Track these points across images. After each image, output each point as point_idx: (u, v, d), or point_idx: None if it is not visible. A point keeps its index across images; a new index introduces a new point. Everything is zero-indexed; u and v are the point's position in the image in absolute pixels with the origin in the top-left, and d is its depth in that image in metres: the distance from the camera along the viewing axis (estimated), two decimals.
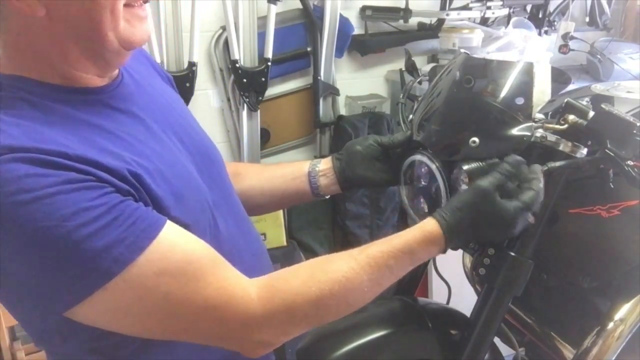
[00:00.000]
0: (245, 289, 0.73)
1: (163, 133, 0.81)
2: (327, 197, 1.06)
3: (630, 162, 0.80)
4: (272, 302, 0.73)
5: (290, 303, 0.74)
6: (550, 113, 0.90)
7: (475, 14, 2.22)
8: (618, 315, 0.95)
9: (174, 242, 0.70)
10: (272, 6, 1.99)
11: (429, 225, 0.83)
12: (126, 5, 0.72)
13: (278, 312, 0.73)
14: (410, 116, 1.01)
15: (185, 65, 1.99)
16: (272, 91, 2.20)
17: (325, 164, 1.03)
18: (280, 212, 2.17)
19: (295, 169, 1.05)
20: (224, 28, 2.04)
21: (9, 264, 0.64)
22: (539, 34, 2.40)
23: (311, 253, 2.23)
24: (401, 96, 1.80)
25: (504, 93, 0.87)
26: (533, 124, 0.85)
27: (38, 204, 0.62)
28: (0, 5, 0.69)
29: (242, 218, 0.94)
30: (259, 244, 0.97)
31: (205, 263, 0.71)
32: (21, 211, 0.61)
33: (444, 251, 0.84)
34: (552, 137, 0.82)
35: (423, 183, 0.96)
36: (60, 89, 0.73)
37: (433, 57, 2.34)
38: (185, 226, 0.74)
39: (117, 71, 0.81)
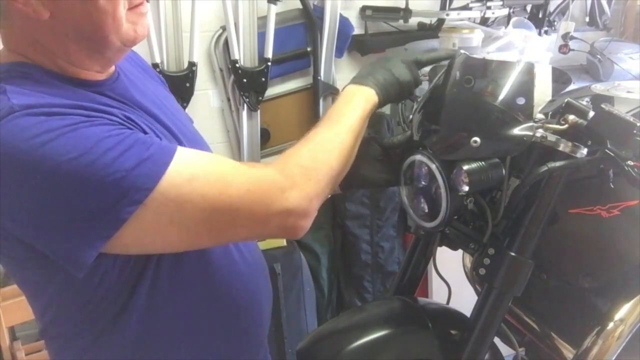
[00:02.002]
0: (263, 169, 0.81)
1: (155, 129, 0.82)
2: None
3: (630, 162, 0.80)
4: (287, 165, 0.80)
5: (299, 159, 0.81)
6: (550, 113, 0.90)
7: (475, 14, 2.22)
8: (618, 315, 0.95)
9: (192, 153, 0.76)
10: (272, 6, 1.99)
11: (346, 89, 0.98)
12: (128, 8, 0.74)
13: (294, 171, 0.79)
14: (410, 116, 1.01)
15: (185, 65, 1.99)
16: (272, 91, 2.19)
17: None
18: None
19: None
20: (224, 28, 2.04)
21: (42, 210, 0.67)
22: (539, 34, 2.40)
23: (311, 253, 2.23)
24: None
25: (504, 93, 0.87)
26: (534, 124, 0.85)
27: (61, 140, 0.65)
28: (3, 4, 0.70)
29: None
30: (252, 244, 0.99)
31: (224, 160, 0.78)
32: (47, 150, 0.64)
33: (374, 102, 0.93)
34: (552, 137, 0.82)
35: (423, 183, 0.95)
36: (62, 76, 0.75)
37: None
38: None
39: (113, 67, 0.83)
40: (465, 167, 0.85)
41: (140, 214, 0.68)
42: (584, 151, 0.82)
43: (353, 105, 0.91)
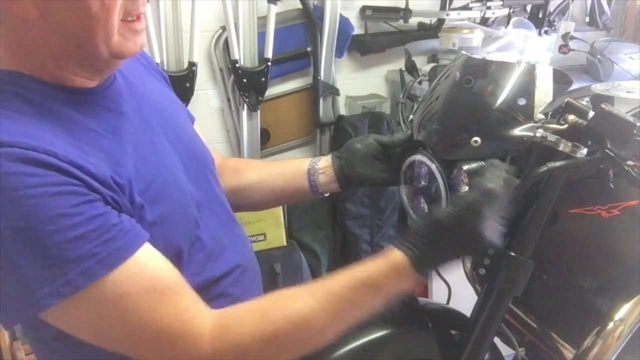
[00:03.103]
0: (200, 324, 0.72)
1: (152, 133, 0.81)
2: (326, 195, 1.06)
3: (630, 162, 0.80)
4: (223, 342, 0.72)
5: (242, 344, 0.73)
6: (550, 113, 0.90)
7: (475, 14, 2.22)
8: (618, 315, 0.95)
9: (144, 266, 0.70)
10: (272, 6, 1.99)
11: (395, 257, 0.78)
12: (122, 19, 0.71)
13: (228, 353, 0.72)
14: (411, 116, 1.01)
15: (185, 65, 1.99)
16: (272, 91, 2.19)
17: (325, 162, 1.03)
18: (280, 212, 2.17)
19: (295, 166, 1.05)
20: (224, 28, 2.04)
21: None
22: (539, 34, 2.40)
23: (311, 253, 2.23)
24: (401, 96, 1.81)
25: (505, 94, 0.87)
26: (534, 124, 0.85)
27: (18, 203, 0.62)
28: None
29: (227, 218, 0.94)
30: (246, 242, 0.98)
31: (168, 292, 0.71)
32: (3, 210, 0.62)
33: (416, 283, 0.80)
34: (552, 137, 0.82)
35: (423, 183, 0.96)
36: (53, 87, 0.73)
37: (433, 57, 2.34)
38: (163, 228, 0.75)
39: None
40: (465, 167, 0.85)
41: (63, 306, 0.65)
42: (584, 151, 0.82)
43: (384, 300, 0.78)
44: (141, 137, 0.79)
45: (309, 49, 2.18)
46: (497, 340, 1.01)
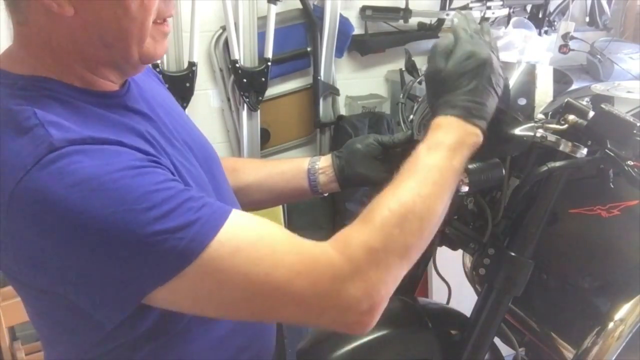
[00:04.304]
0: (321, 247, 0.69)
1: (171, 135, 0.80)
2: (325, 194, 1.06)
3: (630, 162, 0.79)
4: (349, 248, 0.68)
5: (365, 241, 0.68)
6: (550, 113, 0.90)
7: (475, 14, 2.23)
8: (618, 315, 0.95)
9: (243, 222, 0.68)
10: (272, 6, 1.99)
11: (434, 121, 0.79)
12: (154, 22, 0.71)
13: (359, 256, 0.67)
14: (411, 116, 1.01)
15: (185, 65, 1.99)
16: (272, 91, 2.20)
17: (324, 162, 1.03)
18: (280, 212, 2.17)
19: (294, 165, 1.04)
20: (224, 28, 2.04)
21: (78, 259, 0.62)
22: (539, 34, 2.41)
23: None
24: (401, 96, 1.80)
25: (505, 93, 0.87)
26: (534, 124, 0.85)
27: (104, 190, 0.60)
28: None
29: None
30: None
31: (276, 235, 0.69)
32: (89, 200, 0.60)
33: (477, 135, 0.78)
34: (552, 137, 0.82)
35: None
36: (80, 90, 0.71)
37: None
38: None
39: None
40: (465, 167, 0.85)
41: (177, 283, 0.63)
42: (584, 151, 0.82)
43: (457, 154, 0.76)
44: (168, 141, 0.78)
45: (309, 49, 2.18)
46: (497, 340, 1.01)
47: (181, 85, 1.94)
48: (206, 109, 2.15)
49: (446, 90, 0.80)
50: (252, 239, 0.67)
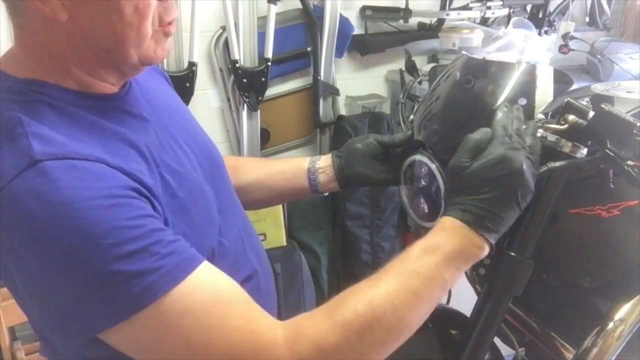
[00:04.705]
0: (272, 332, 0.67)
1: (171, 139, 0.79)
2: (325, 194, 1.06)
3: (630, 162, 0.80)
4: (299, 344, 0.66)
5: (319, 341, 0.66)
6: (550, 113, 0.90)
7: (475, 14, 2.22)
8: (618, 315, 0.95)
9: (204, 279, 0.66)
10: (272, 6, 1.99)
11: (442, 221, 0.74)
12: (160, 24, 0.70)
13: (306, 352, 0.65)
14: (411, 116, 1.01)
15: (185, 65, 1.99)
16: (272, 91, 2.19)
17: (324, 161, 1.03)
18: (280, 212, 2.17)
19: (295, 165, 1.05)
20: (224, 28, 2.04)
21: (38, 277, 0.62)
22: (539, 34, 2.40)
23: (311, 253, 2.23)
24: (401, 96, 1.81)
25: (505, 94, 0.87)
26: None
27: (74, 218, 0.59)
28: (20, 2, 0.66)
29: (244, 218, 0.94)
30: (259, 243, 0.97)
31: (233, 303, 0.67)
32: (58, 225, 0.59)
33: (483, 248, 0.74)
34: (552, 137, 0.82)
35: (423, 183, 0.96)
36: (77, 94, 0.70)
37: (433, 57, 2.34)
38: (192, 239, 0.71)
39: None
40: None
41: (124, 327, 0.62)
42: (584, 151, 0.82)
43: (451, 264, 0.72)
44: (162, 146, 0.77)
45: (309, 49, 2.18)
46: (497, 340, 1.01)
47: (181, 85, 1.94)
48: (206, 109, 2.15)
49: (464, 190, 0.75)
50: (206, 302, 0.64)
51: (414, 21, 2.27)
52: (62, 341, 0.67)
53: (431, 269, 0.71)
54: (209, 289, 0.66)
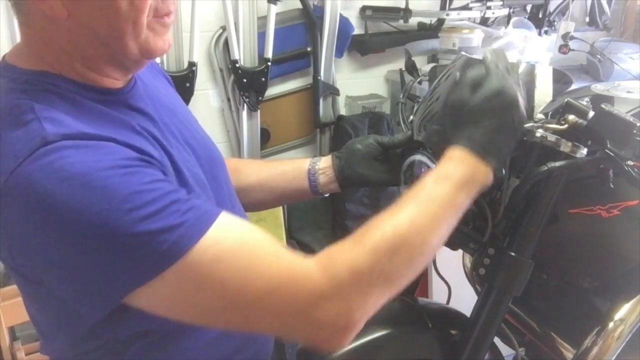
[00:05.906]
0: (303, 261, 0.68)
1: (172, 137, 0.80)
2: (326, 195, 1.06)
3: (630, 162, 0.79)
4: (333, 267, 0.67)
5: (351, 261, 0.68)
6: (550, 113, 0.90)
7: (475, 14, 2.23)
8: (618, 315, 0.95)
9: (228, 228, 0.68)
10: (272, 6, 1.99)
11: (449, 152, 0.78)
12: (154, 15, 0.71)
13: (342, 276, 0.67)
14: (411, 117, 1.01)
15: (185, 65, 1.99)
16: (272, 91, 2.20)
17: (325, 162, 1.03)
18: (280, 212, 2.17)
19: (296, 166, 1.05)
20: (224, 28, 2.05)
21: (61, 253, 0.63)
22: (539, 34, 2.41)
23: (311, 253, 2.21)
24: (401, 96, 1.80)
25: None
26: (534, 124, 0.85)
27: (91, 189, 0.61)
28: (24, 0, 0.68)
29: (243, 218, 0.94)
30: None
31: (260, 244, 0.69)
32: (76, 197, 0.60)
33: (488, 173, 0.78)
34: (552, 137, 0.82)
35: None
36: (84, 86, 0.72)
37: (433, 57, 2.34)
38: None
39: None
40: None
41: (156, 285, 0.63)
42: (584, 151, 0.82)
43: (463, 190, 0.76)
44: (167, 141, 0.77)
45: (309, 49, 2.18)
46: (497, 340, 1.01)
47: (181, 85, 1.95)
48: (206, 109, 2.16)
49: (467, 123, 0.79)
50: (234, 246, 0.66)
51: (414, 21, 2.27)
52: (89, 311, 0.67)
53: (445, 195, 0.75)
54: (233, 234, 0.68)
